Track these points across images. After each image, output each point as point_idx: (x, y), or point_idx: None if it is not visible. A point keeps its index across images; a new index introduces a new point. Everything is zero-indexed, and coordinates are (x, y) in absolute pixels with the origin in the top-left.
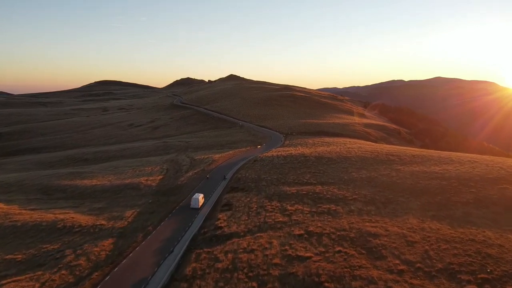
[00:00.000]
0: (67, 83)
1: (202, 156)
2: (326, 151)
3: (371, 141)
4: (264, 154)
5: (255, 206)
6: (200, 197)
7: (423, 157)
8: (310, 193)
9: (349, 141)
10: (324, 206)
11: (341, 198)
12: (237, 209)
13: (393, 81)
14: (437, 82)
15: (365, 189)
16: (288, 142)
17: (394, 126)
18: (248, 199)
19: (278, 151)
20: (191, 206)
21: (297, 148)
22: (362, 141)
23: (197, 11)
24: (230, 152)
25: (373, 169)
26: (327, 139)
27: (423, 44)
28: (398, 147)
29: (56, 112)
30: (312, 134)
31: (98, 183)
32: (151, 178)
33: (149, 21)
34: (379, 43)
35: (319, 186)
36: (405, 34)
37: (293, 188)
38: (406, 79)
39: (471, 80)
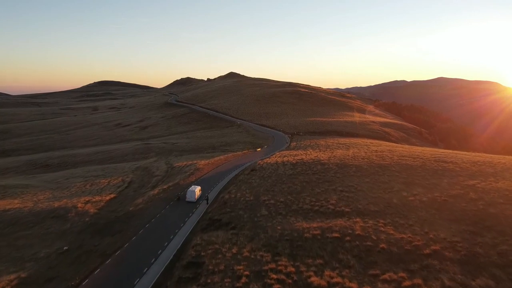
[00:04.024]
0: (68, 83)
1: (184, 163)
2: (348, 156)
3: (391, 142)
4: (266, 160)
5: (246, 272)
6: (197, 190)
7: (492, 164)
8: (347, 238)
9: (371, 143)
10: (385, 276)
11: (409, 251)
12: (209, 280)
13: (396, 81)
14: (440, 82)
15: (441, 227)
16: (295, 143)
17: (411, 125)
18: (235, 250)
19: (284, 156)
20: (187, 199)
21: (308, 152)
22: (386, 143)
23: (199, 11)
24: (222, 156)
25: (431, 185)
26: (342, 140)
27: (426, 44)
28: (441, 150)
29: (42, 111)
30: (322, 134)
31: (17, 206)
32: (96, 198)
33: (150, 22)
34: (380, 44)
35: (357, 218)
36: (408, 34)
37: (314, 224)
38: (409, 79)
39: (473, 80)
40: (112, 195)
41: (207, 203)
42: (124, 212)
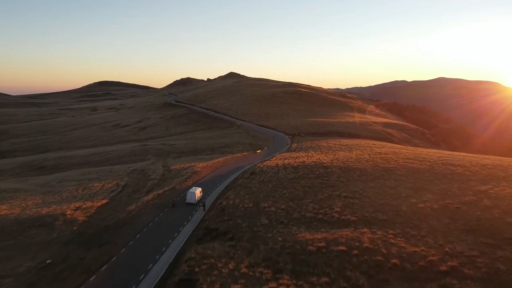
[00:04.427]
0: (68, 84)
1: (182, 165)
2: (352, 158)
3: (394, 143)
4: (266, 163)
5: None
6: (197, 191)
7: (503, 168)
8: (355, 251)
9: (374, 144)
10: None
11: (423, 267)
12: None
13: (396, 81)
14: (440, 82)
15: (456, 238)
16: (296, 145)
17: (414, 125)
18: (232, 265)
19: (285, 158)
20: (187, 201)
21: (310, 154)
22: (389, 144)
23: (199, 11)
24: (221, 159)
25: (441, 190)
26: (344, 141)
27: (426, 44)
28: (447, 152)
29: (40, 112)
30: (323, 135)
31: (4, 212)
32: (87, 204)
33: (150, 22)
34: (380, 44)
35: (364, 228)
36: (408, 34)
37: (318, 235)
38: (409, 79)
39: (474, 80)
40: (104, 201)
41: (204, 210)
42: (114, 220)
